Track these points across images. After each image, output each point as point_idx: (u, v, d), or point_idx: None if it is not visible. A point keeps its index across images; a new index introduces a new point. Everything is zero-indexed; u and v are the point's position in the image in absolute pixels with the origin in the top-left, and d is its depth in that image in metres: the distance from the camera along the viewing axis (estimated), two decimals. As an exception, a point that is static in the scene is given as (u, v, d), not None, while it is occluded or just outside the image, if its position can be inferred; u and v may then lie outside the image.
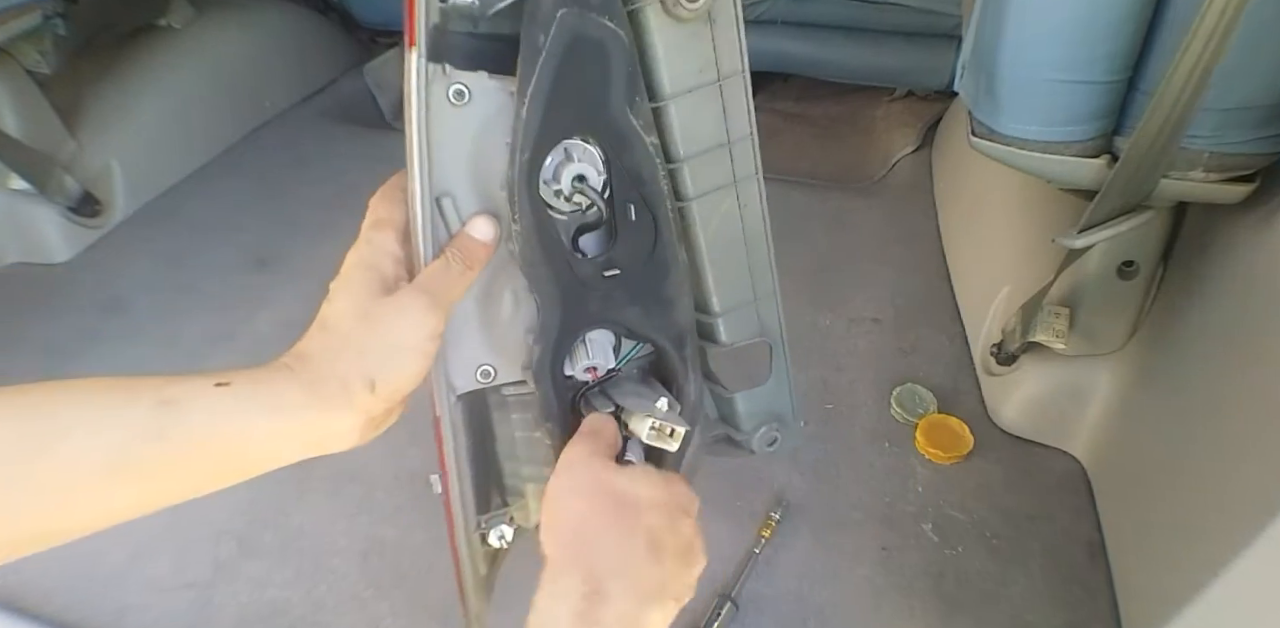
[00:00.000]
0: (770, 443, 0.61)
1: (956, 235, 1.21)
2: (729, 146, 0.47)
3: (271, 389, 0.36)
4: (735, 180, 0.48)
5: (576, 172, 0.41)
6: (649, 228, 0.44)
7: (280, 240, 1.26)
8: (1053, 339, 0.83)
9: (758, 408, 0.59)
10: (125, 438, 0.33)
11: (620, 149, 0.42)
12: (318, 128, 1.56)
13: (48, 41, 1.19)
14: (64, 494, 0.33)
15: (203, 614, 0.80)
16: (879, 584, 0.81)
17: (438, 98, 0.38)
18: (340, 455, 0.44)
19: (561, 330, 0.44)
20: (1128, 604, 0.76)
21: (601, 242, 0.45)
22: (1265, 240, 0.68)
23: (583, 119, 0.41)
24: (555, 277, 0.43)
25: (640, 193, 0.43)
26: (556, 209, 0.43)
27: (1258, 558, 0.52)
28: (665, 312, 0.47)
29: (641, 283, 0.46)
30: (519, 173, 0.40)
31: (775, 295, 0.54)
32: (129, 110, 1.34)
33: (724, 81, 0.44)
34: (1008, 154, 0.70)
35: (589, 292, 0.44)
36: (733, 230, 0.49)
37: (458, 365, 0.44)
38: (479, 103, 0.39)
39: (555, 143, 0.41)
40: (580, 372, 0.46)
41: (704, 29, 0.42)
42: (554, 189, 0.42)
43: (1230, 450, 0.64)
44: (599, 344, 0.47)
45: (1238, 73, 0.57)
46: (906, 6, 1.35)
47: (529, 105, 0.38)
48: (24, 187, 1.16)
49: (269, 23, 1.62)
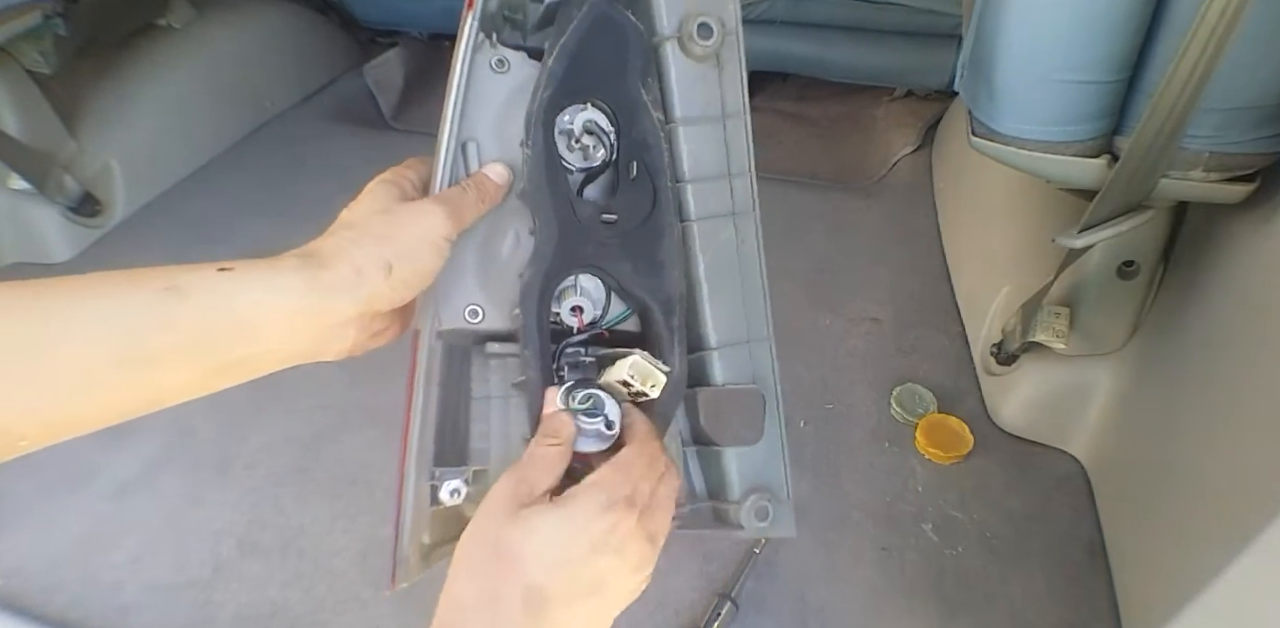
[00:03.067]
0: (762, 517, 0.54)
1: (956, 235, 1.21)
2: (729, 179, 0.51)
3: (275, 272, 0.36)
4: (734, 212, 0.52)
5: (589, 117, 0.46)
6: (648, 191, 0.48)
7: (280, 240, 1.25)
8: (1053, 339, 0.83)
9: (748, 471, 0.54)
10: (133, 326, 0.33)
11: (630, 115, 0.46)
12: (318, 128, 1.56)
13: (48, 41, 1.19)
14: (75, 386, 0.33)
15: (203, 614, 0.80)
16: (879, 584, 0.81)
17: (480, 62, 0.46)
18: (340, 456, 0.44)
19: (555, 259, 0.46)
20: (1128, 604, 0.76)
21: (604, 193, 0.48)
22: (1265, 240, 0.68)
23: (600, 81, 0.46)
24: (556, 206, 0.45)
25: (643, 158, 0.47)
26: (567, 161, 0.47)
27: (1258, 558, 0.52)
28: (656, 273, 0.48)
29: (636, 241, 0.48)
30: (539, 106, 0.45)
31: (769, 342, 0.54)
32: (129, 110, 1.34)
33: (727, 120, 0.50)
34: (1008, 154, 0.70)
35: (586, 231, 0.46)
36: (729, 262, 0.52)
37: (448, 302, 0.45)
38: (514, 74, 0.46)
39: (574, 96, 0.46)
40: (567, 312, 0.47)
41: (712, 71, 0.49)
42: (568, 140, 0.47)
43: (1230, 450, 0.64)
44: (588, 292, 0.48)
45: (1241, 73, 0.57)
46: (906, 6, 1.35)
47: (556, 56, 0.44)
48: (24, 186, 1.16)
49: (269, 23, 1.62)
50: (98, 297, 0.34)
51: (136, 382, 0.34)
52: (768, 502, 0.53)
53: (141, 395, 0.35)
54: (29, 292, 0.33)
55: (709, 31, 0.47)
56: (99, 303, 0.34)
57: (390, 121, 1.67)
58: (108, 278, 0.34)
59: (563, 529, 0.37)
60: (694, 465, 0.55)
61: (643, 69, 0.47)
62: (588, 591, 0.37)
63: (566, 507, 0.38)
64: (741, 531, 0.53)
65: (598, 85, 0.46)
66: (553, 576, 0.36)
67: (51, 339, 0.32)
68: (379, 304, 0.39)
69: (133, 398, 0.35)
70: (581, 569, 0.37)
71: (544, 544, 0.37)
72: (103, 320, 0.33)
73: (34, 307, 0.33)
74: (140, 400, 0.36)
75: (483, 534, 0.38)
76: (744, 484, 0.54)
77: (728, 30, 0.49)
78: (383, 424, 0.96)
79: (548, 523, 0.37)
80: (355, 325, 0.40)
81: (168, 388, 0.36)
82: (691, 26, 0.47)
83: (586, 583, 0.37)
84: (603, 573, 0.38)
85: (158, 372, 0.35)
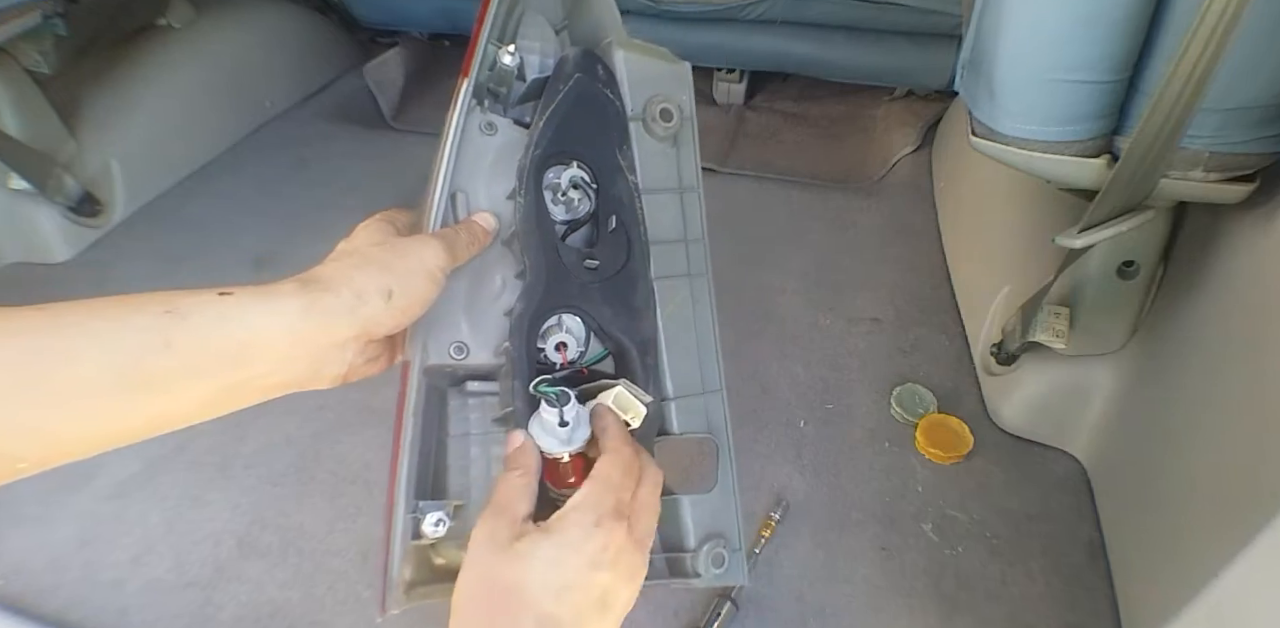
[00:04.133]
0: (718, 564, 0.55)
1: (956, 235, 1.21)
2: (685, 244, 0.56)
3: (274, 296, 0.37)
4: (690, 274, 0.57)
5: (574, 174, 0.52)
6: (624, 242, 0.53)
7: (280, 240, 1.26)
8: (1053, 339, 0.83)
9: (703, 519, 0.55)
10: (134, 349, 0.34)
11: (609, 176, 0.52)
12: (318, 128, 1.56)
13: (48, 41, 1.19)
14: (76, 408, 0.33)
15: (203, 614, 0.80)
16: (879, 584, 0.81)
17: (471, 124, 0.51)
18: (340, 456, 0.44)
19: (543, 297, 0.49)
20: (1128, 604, 0.76)
21: (585, 242, 0.53)
22: (1265, 240, 0.68)
23: (583, 145, 0.52)
24: (544, 248, 0.50)
25: (620, 214, 0.52)
26: (552, 212, 0.52)
27: (1257, 558, 0.52)
28: (634, 317, 0.53)
29: (615, 286, 0.52)
30: (531, 161, 0.50)
31: (723, 393, 0.58)
32: (129, 110, 1.34)
33: (684, 193, 0.56)
34: (1008, 154, 0.69)
35: (570, 274, 0.51)
36: (685, 318, 0.56)
37: (435, 339, 0.48)
38: (500, 136, 0.51)
39: (560, 155, 0.51)
40: (551, 348, 0.50)
41: (671, 150, 0.56)
42: (553, 193, 0.51)
43: (1230, 450, 0.64)
44: (572, 330, 0.51)
45: (1241, 73, 0.57)
46: (906, 6, 1.35)
47: (546, 119, 0.50)
48: (24, 186, 1.16)
49: (269, 23, 1.62)
50: (99, 319, 0.34)
51: (136, 405, 0.35)
52: (723, 549, 0.54)
53: (140, 420, 0.36)
54: (30, 315, 0.33)
55: (669, 116, 0.56)
56: (100, 325, 0.34)
57: (390, 121, 1.67)
58: (109, 302, 0.35)
59: (560, 555, 0.38)
60: None
61: (619, 138, 0.53)
62: (596, 609, 0.38)
63: (558, 533, 0.38)
64: (698, 579, 0.54)
65: (581, 148, 0.52)
66: (561, 602, 0.37)
67: (53, 361, 0.33)
68: (376, 329, 0.40)
69: (131, 422, 0.35)
70: (586, 590, 0.38)
71: (545, 573, 0.37)
72: (104, 342, 0.34)
73: (36, 329, 0.33)
74: (139, 425, 0.36)
75: (480, 575, 0.38)
76: (699, 532, 0.55)
77: (684, 116, 0.57)
78: (382, 424, 0.95)
79: (543, 551, 0.38)
80: (351, 349, 0.41)
81: (167, 412, 0.36)
82: (654, 110, 0.55)
83: (593, 602, 0.38)
84: (605, 589, 0.39)
85: (157, 395, 0.35)
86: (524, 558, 0.38)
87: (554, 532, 0.39)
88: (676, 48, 0.59)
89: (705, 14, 1.44)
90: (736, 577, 0.55)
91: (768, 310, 1.13)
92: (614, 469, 0.41)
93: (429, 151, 0.48)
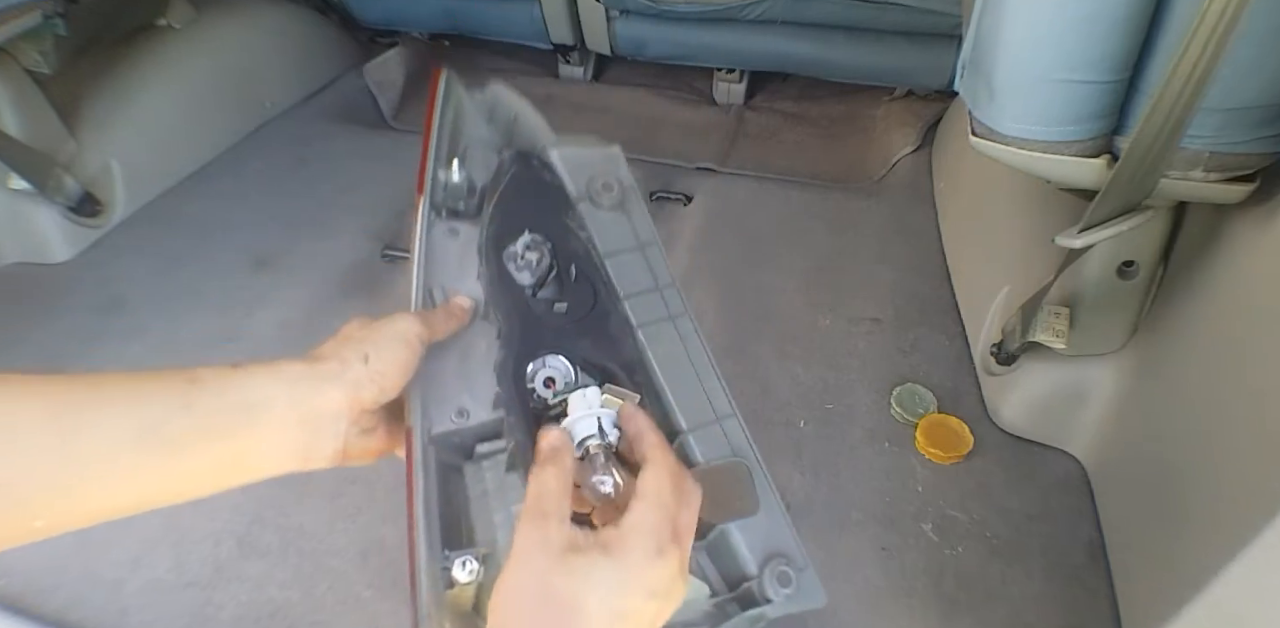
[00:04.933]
0: (785, 582, 0.54)
1: (956, 235, 1.21)
2: (659, 291, 0.61)
3: (277, 366, 0.42)
4: (671, 316, 0.61)
5: (528, 239, 0.58)
6: (589, 286, 0.59)
7: (280, 240, 1.26)
8: (1053, 339, 0.83)
9: (756, 543, 0.55)
10: (159, 411, 0.37)
11: (559, 236, 0.59)
12: (318, 128, 1.56)
13: (48, 41, 1.19)
14: (97, 470, 0.36)
15: (203, 614, 0.80)
16: (879, 584, 0.81)
17: (436, 233, 0.58)
18: None
19: (522, 344, 0.54)
20: (1128, 604, 0.76)
21: (554, 294, 0.59)
22: (1265, 240, 0.68)
23: (531, 219, 0.59)
24: (513, 304, 0.56)
25: (578, 264, 0.59)
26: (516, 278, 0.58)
27: (1257, 558, 0.52)
28: (612, 344, 0.57)
29: (589, 323, 0.58)
30: (486, 239, 0.58)
31: (737, 418, 0.60)
32: (129, 110, 1.34)
33: (645, 248, 0.62)
34: (1008, 154, 0.69)
35: (543, 321, 0.57)
36: (678, 355, 0.60)
37: (438, 408, 0.51)
38: (465, 236, 0.58)
39: (513, 230, 0.58)
40: (541, 385, 0.54)
41: (622, 216, 0.62)
42: (514, 262, 0.58)
43: (1230, 450, 0.64)
44: (556, 368, 0.56)
45: (1241, 73, 0.57)
46: (906, 6, 1.35)
47: (496, 203, 0.59)
48: (24, 186, 1.16)
49: (269, 23, 1.62)
50: (126, 384, 0.38)
51: (154, 467, 0.37)
52: (787, 567, 0.54)
53: (156, 485, 0.38)
54: (59, 379, 0.37)
55: (610, 187, 0.62)
56: (128, 388, 0.38)
57: (390, 121, 1.67)
58: (133, 373, 0.39)
59: (622, 579, 0.38)
60: (705, 561, 0.56)
61: (563, 207, 0.60)
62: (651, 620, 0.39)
63: (620, 555, 0.39)
64: (769, 605, 0.52)
65: (529, 221, 0.59)
66: (615, 626, 0.38)
67: (81, 420, 0.36)
68: (361, 392, 0.44)
69: (147, 487, 0.38)
70: (640, 618, 0.38)
71: (606, 597, 0.37)
72: (128, 406, 0.37)
73: (66, 390, 0.36)
74: (153, 490, 0.38)
75: (533, 582, 0.38)
76: (757, 557, 0.54)
77: (625, 186, 0.63)
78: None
79: (604, 573, 0.38)
80: (344, 419, 0.44)
81: (181, 478, 0.39)
82: (596, 186, 0.62)
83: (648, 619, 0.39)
84: (655, 616, 0.39)
85: (174, 459, 0.38)
86: (582, 575, 0.38)
87: (615, 553, 0.39)
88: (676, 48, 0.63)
89: (705, 14, 1.44)
90: (813, 597, 0.54)
91: (768, 310, 1.13)
92: (663, 483, 0.42)
93: None
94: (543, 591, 0.38)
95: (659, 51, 1.57)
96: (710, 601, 0.54)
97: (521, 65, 1.81)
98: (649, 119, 1.62)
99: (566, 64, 1.74)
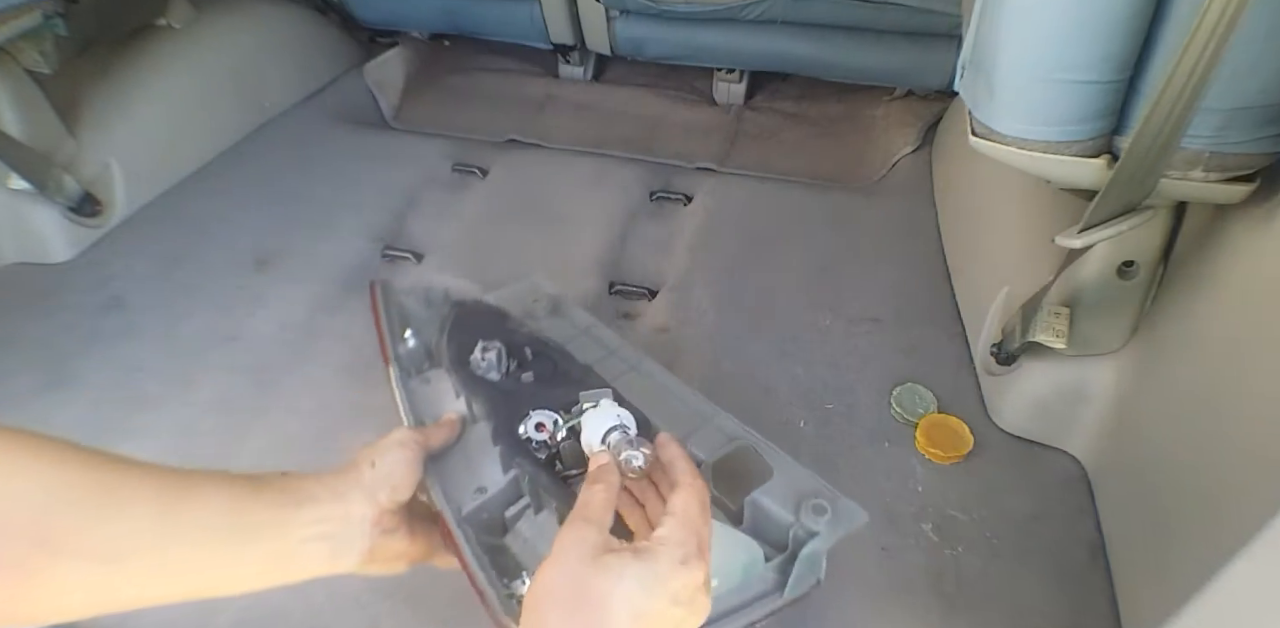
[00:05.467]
0: (821, 513, 0.59)
1: (956, 235, 1.21)
2: (613, 354, 0.75)
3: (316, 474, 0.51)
4: (632, 367, 0.73)
5: (482, 345, 0.71)
6: (547, 360, 0.73)
7: (280, 240, 1.26)
8: (1053, 339, 0.83)
9: (783, 494, 0.61)
10: (242, 494, 0.45)
11: (506, 335, 0.74)
12: (318, 128, 1.56)
13: (48, 41, 1.19)
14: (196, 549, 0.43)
15: (202, 616, 0.80)
16: (879, 584, 0.82)
17: (411, 386, 0.71)
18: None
19: (505, 409, 0.64)
20: (1128, 604, 0.76)
21: (518, 368, 0.72)
22: (1265, 240, 0.68)
23: (477, 332, 0.73)
24: (491, 394, 0.67)
25: (529, 345, 0.73)
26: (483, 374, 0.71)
27: (1257, 558, 0.52)
28: (584, 379, 0.69)
29: (556, 379, 0.70)
30: (449, 361, 0.71)
31: (721, 414, 0.68)
32: (129, 110, 1.34)
33: (588, 331, 0.79)
34: (1008, 154, 0.69)
35: (515, 391, 0.67)
36: (650, 388, 0.71)
37: (456, 492, 0.59)
38: (434, 381, 0.71)
39: (465, 342, 0.72)
40: (534, 432, 0.62)
41: (558, 318, 0.81)
42: (477, 367, 0.70)
43: (1230, 450, 0.64)
44: (545, 415, 0.63)
45: (1240, 73, 0.57)
46: (906, 6, 1.35)
47: (447, 335, 0.73)
48: (24, 186, 1.16)
49: (269, 23, 1.62)
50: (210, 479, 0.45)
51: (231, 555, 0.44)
52: (817, 500, 0.60)
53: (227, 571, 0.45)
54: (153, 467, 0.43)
55: (543, 299, 0.81)
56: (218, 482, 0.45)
57: (390, 121, 1.67)
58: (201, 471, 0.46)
59: (647, 583, 0.41)
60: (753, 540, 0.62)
61: (501, 317, 0.78)
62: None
63: (649, 561, 0.42)
64: (817, 537, 0.58)
65: (478, 333, 0.72)
66: (636, 625, 0.40)
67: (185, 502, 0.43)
68: (379, 494, 0.51)
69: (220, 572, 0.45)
70: (660, 620, 0.41)
71: (630, 594, 0.41)
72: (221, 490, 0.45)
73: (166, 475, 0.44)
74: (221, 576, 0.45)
75: (568, 576, 0.41)
76: (789, 507, 0.60)
77: (554, 296, 0.82)
78: (382, 425, 0.95)
79: (632, 572, 0.41)
80: (368, 520, 0.50)
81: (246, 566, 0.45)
82: (529, 301, 0.81)
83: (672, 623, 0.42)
84: (675, 623, 0.42)
85: (249, 546, 0.45)
86: (612, 574, 0.41)
87: (645, 558, 0.42)
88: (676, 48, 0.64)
89: (705, 14, 1.44)
90: (853, 517, 0.60)
91: (768, 310, 1.13)
92: (693, 504, 0.46)
93: (429, 151, 0.50)
94: (575, 585, 0.41)
95: (659, 51, 1.57)
96: (769, 566, 0.60)
97: (521, 65, 1.81)
98: (649, 119, 1.62)
99: (566, 64, 1.74)
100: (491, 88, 1.75)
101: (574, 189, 1.35)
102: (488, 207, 1.33)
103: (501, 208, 1.33)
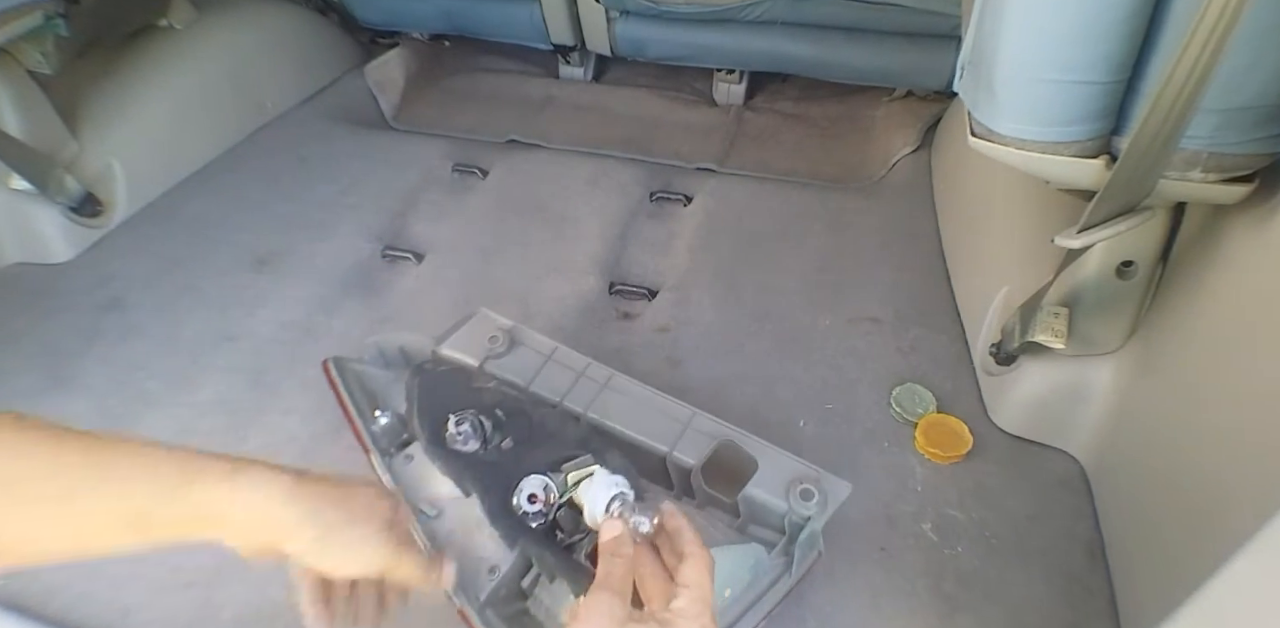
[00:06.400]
0: (809, 497, 0.66)
1: (956, 235, 1.21)
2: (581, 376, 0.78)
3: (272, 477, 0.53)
4: (604, 385, 0.77)
5: (454, 419, 0.70)
6: (520, 416, 0.72)
7: (280, 240, 1.26)
8: (1052, 339, 0.83)
9: (772, 485, 0.66)
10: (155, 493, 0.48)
11: (474, 399, 0.73)
12: (318, 128, 1.56)
13: (49, 42, 1.19)
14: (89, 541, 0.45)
15: (203, 614, 0.80)
16: (879, 584, 0.82)
17: (396, 465, 0.75)
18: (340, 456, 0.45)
19: (491, 482, 0.64)
20: (1127, 604, 0.76)
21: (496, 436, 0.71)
22: (1265, 240, 0.68)
23: (447, 404, 0.72)
24: (475, 467, 0.67)
25: (500, 406, 0.73)
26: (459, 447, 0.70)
27: (1257, 558, 0.52)
28: (561, 436, 0.70)
29: (536, 438, 0.70)
30: (426, 438, 0.70)
31: (697, 414, 0.72)
32: (130, 110, 1.34)
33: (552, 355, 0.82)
34: (1007, 154, 0.70)
35: (497, 461, 0.68)
36: (622, 407, 0.73)
37: (470, 577, 0.62)
38: (417, 457, 0.75)
39: (440, 420, 0.71)
40: (528, 504, 0.63)
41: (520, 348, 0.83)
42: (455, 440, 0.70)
43: (1229, 450, 0.64)
44: (535, 484, 0.64)
45: (1239, 73, 0.57)
46: (906, 7, 1.35)
47: (418, 409, 0.72)
48: (25, 187, 1.16)
49: (270, 23, 1.62)
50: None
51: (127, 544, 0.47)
52: (803, 484, 0.66)
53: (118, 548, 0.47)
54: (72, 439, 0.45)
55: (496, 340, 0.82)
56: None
57: (390, 122, 1.67)
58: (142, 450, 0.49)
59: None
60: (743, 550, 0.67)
61: (468, 377, 0.77)
62: None
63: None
64: (810, 520, 0.64)
65: (450, 406, 0.72)
66: None
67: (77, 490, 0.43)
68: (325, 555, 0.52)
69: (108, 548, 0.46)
70: None
71: None
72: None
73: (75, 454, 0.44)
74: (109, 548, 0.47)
75: None
76: (779, 491, 0.66)
77: (507, 328, 0.83)
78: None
79: None
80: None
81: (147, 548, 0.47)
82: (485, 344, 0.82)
83: None
84: None
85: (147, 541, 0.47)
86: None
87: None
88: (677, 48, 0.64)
89: (705, 14, 1.44)
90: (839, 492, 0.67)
91: (768, 310, 1.13)
92: (704, 575, 0.49)
93: (430, 152, 0.49)
94: None
95: (659, 52, 1.57)
96: (773, 554, 0.66)
97: (521, 66, 1.81)
98: (649, 119, 1.62)
99: (567, 64, 1.75)
100: (492, 88, 1.75)
101: (574, 189, 1.35)
102: (488, 207, 1.34)
103: (502, 208, 1.33)
